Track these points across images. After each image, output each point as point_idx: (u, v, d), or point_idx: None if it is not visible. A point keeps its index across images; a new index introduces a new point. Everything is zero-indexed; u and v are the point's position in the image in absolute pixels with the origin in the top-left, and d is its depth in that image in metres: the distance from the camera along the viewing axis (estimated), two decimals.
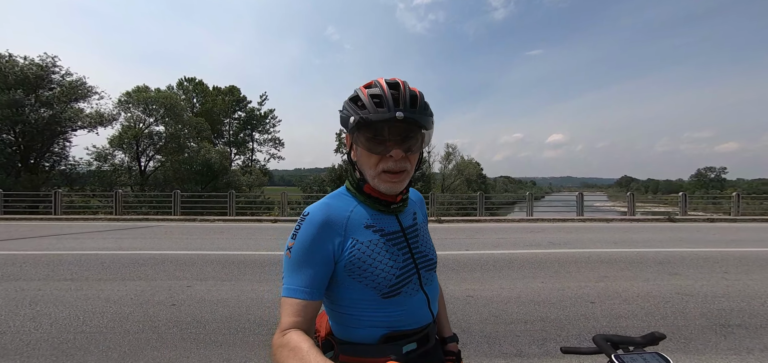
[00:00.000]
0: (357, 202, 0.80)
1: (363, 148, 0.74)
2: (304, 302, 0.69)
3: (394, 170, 0.73)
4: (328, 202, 0.78)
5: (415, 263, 0.78)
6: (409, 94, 0.73)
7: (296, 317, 0.68)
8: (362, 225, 0.76)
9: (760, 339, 2.40)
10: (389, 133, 0.72)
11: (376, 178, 0.75)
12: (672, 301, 3.18)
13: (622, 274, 4.15)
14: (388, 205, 0.79)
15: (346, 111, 0.76)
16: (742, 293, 3.36)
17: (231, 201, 12.49)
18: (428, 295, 0.80)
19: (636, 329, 2.58)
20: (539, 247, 5.98)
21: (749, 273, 4.10)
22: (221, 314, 3.15)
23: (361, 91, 0.75)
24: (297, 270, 0.71)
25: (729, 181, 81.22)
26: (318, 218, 0.73)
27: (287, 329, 0.67)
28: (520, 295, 3.43)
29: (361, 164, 0.77)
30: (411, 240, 0.80)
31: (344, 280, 0.75)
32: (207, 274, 4.48)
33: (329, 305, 0.79)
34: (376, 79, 0.75)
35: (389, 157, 0.72)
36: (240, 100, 31.95)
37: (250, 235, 7.81)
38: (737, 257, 4.95)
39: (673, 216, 10.58)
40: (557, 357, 2.23)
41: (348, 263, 0.73)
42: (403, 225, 0.81)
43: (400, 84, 0.74)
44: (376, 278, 0.73)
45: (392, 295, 0.73)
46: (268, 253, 5.70)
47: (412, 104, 0.72)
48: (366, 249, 0.74)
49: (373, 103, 0.71)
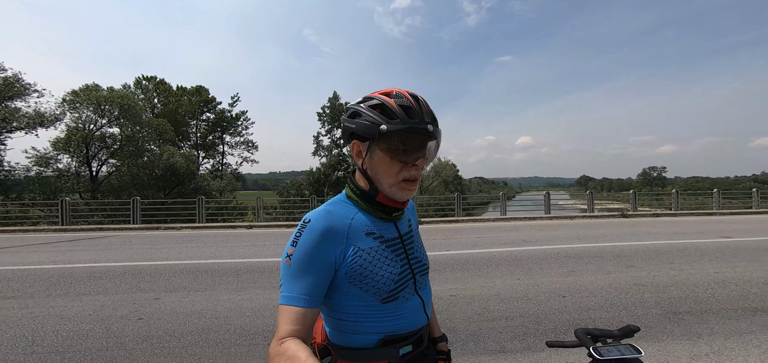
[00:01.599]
0: (358, 209, 0.80)
1: (385, 156, 0.74)
2: (303, 310, 0.69)
3: (414, 177, 0.76)
4: (329, 209, 0.78)
5: (411, 268, 0.80)
6: (429, 107, 0.76)
7: (295, 325, 0.68)
8: (363, 232, 0.77)
9: (706, 324, 2.72)
10: (413, 144, 0.74)
11: (395, 186, 0.76)
12: (631, 291, 3.50)
13: (587, 268, 4.50)
14: (390, 213, 0.80)
15: (369, 118, 0.74)
16: (687, 282, 3.78)
17: (200, 207, 11.77)
18: (423, 299, 0.82)
19: (603, 321, 2.81)
20: (513, 245, 6.29)
21: (691, 263, 4.64)
22: (197, 326, 2.98)
23: (385, 99, 0.75)
24: (297, 277, 0.70)
25: (668, 179, 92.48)
26: (319, 226, 0.73)
27: (285, 338, 0.66)
28: (500, 292, 3.59)
29: (377, 172, 0.77)
30: (407, 246, 0.82)
31: (344, 287, 0.75)
32: (176, 284, 4.20)
33: (326, 311, 0.80)
34: (396, 90, 0.76)
35: (413, 165, 0.74)
36: (208, 101, 30.16)
37: (224, 243, 7.41)
38: (680, 248, 5.57)
39: (625, 212, 11.66)
40: (537, 351, 2.36)
41: (349, 270, 0.73)
42: (401, 232, 0.83)
43: (419, 97, 0.76)
44: (376, 284, 0.74)
45: (390, 300, 0.75)
46: (245, 261, 5.45)
47: (433, 117, 0.76)
48: (367, 256, 0.75)
49: (404, 112, 0.73)
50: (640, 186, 78.60)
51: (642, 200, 13.80)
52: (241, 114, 31.26)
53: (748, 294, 3.33)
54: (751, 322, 2.70)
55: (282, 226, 10.47)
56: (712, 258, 4.87)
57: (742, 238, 6.41)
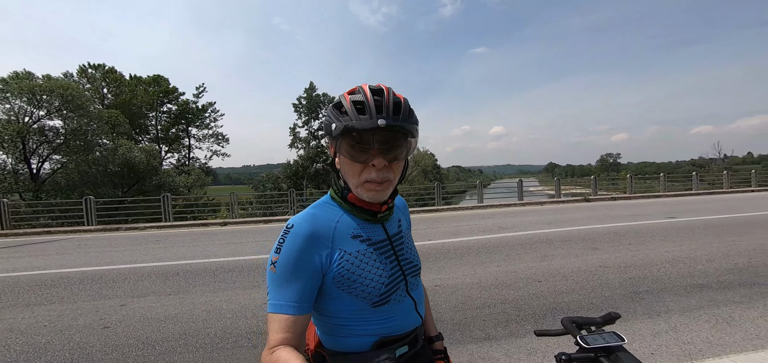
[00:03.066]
0: (343, 211, 0.78)
1: (346, 157, 0.72)
2: (292, 317, 0.68)
3: (376, 180, 0.71)
4: (312, 212, 0.76)
5: (402, 270, 0.79)
6: (393, 100, 0.71)
7: (285, 333, 0.67)
8: (349, 235, 0.75)
9: (663, 302, 3.02)
10: (373, 141, 0.70)
11: (359, 187, 0.73)
12: (597, 273, 3.80)
13: (558, 252, 4.81)
14: (375, 215, 0.78)
15: (328, 117, 0.73)
16: (644, 262, 4.18)
17: (166, 205, 10.98)
18: (415, 299, 0.81)
19: (576, 304, 3.03)
20: (491, 232, 6.55)
21: (645, 243, 5.12)
22: (172, 332, 2.83)
23: (343, 97, 0.73)
24: (283, 285, 0.69)
25: (622, 164, 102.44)
26: (303, 230, 0.71)
27: (276, 346, 0.65)
28: (481, 280, 3.73)
29: (344, 172, 0.75)
30: (397, 248, 0.80)
31: (333, 292, 0.73)
32: (145, 289, 3.95)
33: (317, 317, 0.79)
34: (360, 85, 0.74)
35: (371, 166, 0.71)
36: (169, 92, 27.78)
37: (196, 242, 7.00)
38: (635, 230, 6.13)
39: (588, 196, 12.59)
40: (520, 336, 2.50)
41: (336, 275, 0.72)
42: (389, 233, 0.81)
43: (385, 90, 0.72)
44: (365, 289, 0.72)
45: (382, 303, 0.74)
46: (221, 260, 5.20)
47: (396, 111, 0.70)
48: (354, 260, 0.73)
49: (356, 109, 0.69)
50: (598, 171, 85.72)
51: (601, 185, 14.97)
52: (209, 105, 29.22)
53: (694, 271, 3.74)
54: (699, 298, 3.04)
55: (259, 222, 10.08)
56: (663, 238, 5.41)
57: (685, 218, 7.19)
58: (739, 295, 3.04)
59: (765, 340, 2.28)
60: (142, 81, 27.29)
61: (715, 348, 2.20)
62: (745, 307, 2.79)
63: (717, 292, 3.13)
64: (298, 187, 25.95)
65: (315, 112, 30.97)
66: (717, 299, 2.97)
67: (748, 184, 15.09)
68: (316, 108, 30.94)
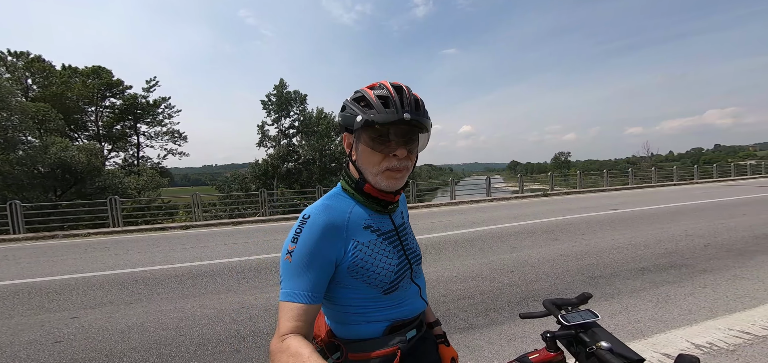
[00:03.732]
0: (355, 202, 0.81)
1: (367, 147, 0.76)
2: (305, 306, 0.69)
3: (398, 167, 0.76)
4: (327, 203, 0.78)
5: (408, 259, 0.84)
6: (413, 97, 0.76)
7: (296, 322, 0.68)
8: (361, 226, 0.78)
9: (614, 285, 3.42)
10: (395, 133, 0.74)
11: (379, 176, 0.77)
12: (559, 262, 4.19)
13: (525, 243, 5.21)
14: (386, 206, 0.82)
15: (350, 111, 0.76)
16: (595, 249, 4.69)
17: (114, 209, 9.88)
18: (419, 286, 0.88)
19: (545, 291, 3.32)
20: (464, 227, 6.89)
21: (595, 233, 5.74)
22: (139, 342, 2.64)
23: (366, 91, 0.77)
24: (299, 274, 0.71)
25: (572, 162, 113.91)
26: (320, 221, 0.74)
27: (286, 334, 0.67)
28: (459, 273, 3.93)
29: (362, 163, 0.78)
30: (402, 238, 0.86)
31: (346, 281, 0.76)
32: (98, 299, 3.62)
33: (328, 306, 0.82)
34: (380, 82, 0.78)
35: (393, 156, 0.75)
36: (112, 85, 24.74)
37: (154, 247, 6.42)
38: (586, 221, 6.84)
39: (546, 192, 13.72)
40: (500, 324, 2.69)
41: (351, 264, 0.75)
42: (396, 224, 0.86)
43: (404, 88, 0.77)
44: (377, 276, 0.76)
45: (392, 290, 0.79)
46: (187, 265, 4.84)
47: (417, 107, 0.76)
48: (367, 250, 0.77)
49: (381, 103, 0.73)
50: (553, 168, 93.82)
51: (556, 181, 16.39)
52: (162, 100, 26.53)
53: (635, 256, 4.29)
54: (642, 280, 3.50)
55: (227, 225, 9.48)
56: (608, 227, 6.11)
57: (625, 209, 8.18)
58: (672, 275, 3.56)
59: (697, 314, 2.70)
60: (79, 72, 23.92)
61: (660, 325, 2.55)
62: (678, 286, 3.27)
63: (655, 274, 3.63)
64: (269, 186, 24.79)
65: (286, 109, 29.68)
66: (656, 280, 3.44)
67: (671, 179, 17.53)
68: (288, 105, 29.67)
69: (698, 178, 17.70)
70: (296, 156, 29.16)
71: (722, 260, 3.96)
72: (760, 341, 2.22)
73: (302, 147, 30.46)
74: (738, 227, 5.60)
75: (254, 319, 3.00)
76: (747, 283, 3.26)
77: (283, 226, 8.55)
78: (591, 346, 0.83)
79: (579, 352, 0.88)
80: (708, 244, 4.63)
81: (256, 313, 3.12)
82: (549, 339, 0.96)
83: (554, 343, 0.96)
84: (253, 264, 4.81)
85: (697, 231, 5.46)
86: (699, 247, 4.51)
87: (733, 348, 2.16)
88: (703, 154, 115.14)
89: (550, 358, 0.96)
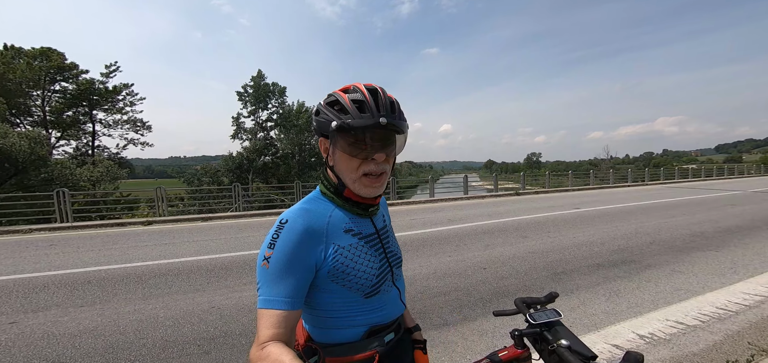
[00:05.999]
0: (334, 206, 0.80)
1: (343, 153, 0.74)
2: (285, 313, 0.68)
3: (375, 173, 0.75)
4: (305, 207, 0.78)
5: (389, 262, 0.84)
6: (388, 100, 0.75)
7: (276, 329, 0.67)
8: (342, 229, 0.78)
9: (573, 280, 3.70)
10: (371, 138, 0.73)
11: (357, 182, 0.76)
12: (528, 259, 4.45)
13: (497, 241, 5.46)
14: (366, 209, 0.82)
15: (324, 116, 0.75)
16: (559, 246, 5.02)
17: (62, 203, 8.98)
18: (399, 288, 0.88)
19: (514, 287, 3.52)
20: (442, 224, 7.06)
21: (560, 230, 6.15)
22: (92, 347, 2.49)
23: (340, 95, 0.75)
24: (276, 280, 0.71)
25: (542, 162, 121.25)
26: (298, 226, 0.72)
27: (266, 342, 0.67)
28: (436, 270, 4.04)
29: (340, 168, 0.77)
30: (384, 241, 0.85)
31: (327, 286, 0.76)
32: (42, 302, 3.34)
33: (308, 310, 0.81)
34: (354, 84, 0.77)
35: (371, 160, 0.74)
36: (64, 68, 22.22)
37: (111, 245, 5.94)
38: (552, 219, 7.30)
39: (518, 191, 14.42)
40: (472, 320, 2.81)
41: (332, 269, 0.74)
42: (377, 227, 0.85)
43: (379, 90, 0.76)
44: (358, 281, 0.76)
45: (373, 294, 0.79)
46: (149, 264, 4.54)
47: (392, 110, 0.75)
48: (347, 254, 0.76)
49: (356, 108, 0.72)
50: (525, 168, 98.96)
51: (527, 181, 17.29)
52: (123, 87, 24.27)
53: (592, 253, 4.65)
54: (597, 275, 3.81)
55: (196, 220, 8.97)
56: (571, 225, 6.56)
57: (586, 209, 8.82)
58: (622, 271, 3.91)
59: (642, 307, 3.00)
60: (24, 53, 21.24)
61: (610, 317, 2.81)
62: (627, 280, 3.61)
63: (608, 269, 3.97)
64: (243, 180, 23.73)
65: (263, 101, 28.47)
66: (608, 275, 3.76)
67: (626, 180, 19.15)
68: (266, 97, 28.47)
69: (648, 181, 19.51)
70: (274, 149, 28.20)
71: (663, 256, 4.40)
72: (691, 331, 2.52)
73: (280, 140, 29.51)
74: (678, 226, 6.26)
75: (225, 319, 2.90)
76: (683, 277, 3.66)
77: (258, 223, 8.24)
78: (552, 344, 0.90)
79: (542, 349, 0.94)
80: (653, 242, 5.14)
81: (227, 312, 3.01)
82: (517, 337, 1.02)
83: (521, 341, 1.03)
84: (224, 262, 4.61)
85: (645, 229, 6.02)
86: (645, 244, 4.99)
87: (669, 337, 2.43)
88: (653, 158, 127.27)
89: (518, 355, 1.03)
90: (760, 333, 2.42)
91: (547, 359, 0.92)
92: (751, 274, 3.66)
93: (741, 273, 3.70)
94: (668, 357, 2.19)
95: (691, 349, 2.26)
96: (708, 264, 4.04)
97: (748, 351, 2.19)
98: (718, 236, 5.38)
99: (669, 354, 2.23)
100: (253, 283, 3.75)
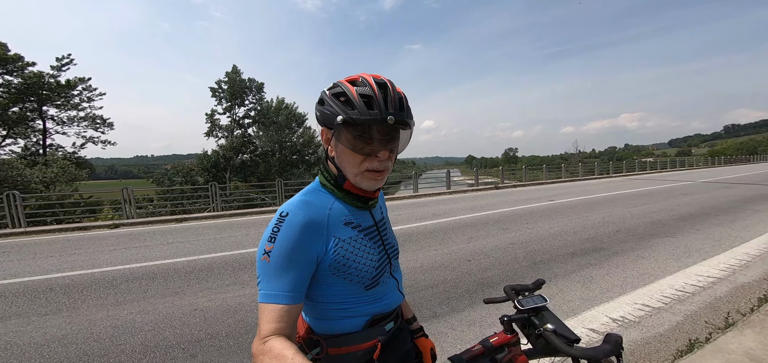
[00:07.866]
0: (334, 198, 0.80)
1: (347, 147, 0.73)
2: (286, 307, 0.68)
3: (378, 168, 0.74)
4: (306, 199, 0.78)
5: (387, 253, 0.85)
6: (397, 96, 0.73)
7: (278, 323, 0.67)
8: (342, 222, 0.77)
9: (551, 269, 3.90)
10: (377, 133, 0.72)
11: (359, 176, 0.75)
12: (509, 250, 4.64)
13: (480, 233, 5.65)
14: (366, 202, 0.81)
15: (330, 108, 0.73)
16: (538, 237, 5.28)
17: (13, 206, 8.16)
18: (397, 279, 0.90)
19: (497, 278, 3.66)
20: (427, 219, 7.18)
21: (537, 221, 6.46)
22: (62, 356, 2.36)
23: (347, 87, 0.72)
24: (278, 274, 0.70)
25: (519, 157, 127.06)
26: (299, 219, 0.71)
27: (268, 336, 0.67)
28: (423, 264, 4.11)
29: (341, 161, 0.76)
30: (382, 233, 0.86)
31: (328, 278, 0.76)
32: (1, 311, 3.11)
33: (308, 303, 0.81)
34: (362, 76, 0.74)
35: (375, 157, 0.73)
36: (6, 60, 19.85)
37: (73, 249, 5.51)
38: (530, 211, 7.65)
39: (498, 185, 14.94)
40: (460, 311, 2.90)
41: (333, 262, 0.74)
42: (376, 219, 0.86)
43: (388, 84, 0.73)
44: (359, 273, 0.77)
45: (373, 286, 0.80)
46: (119, 268, 4.26)
47: (401, 107, 0.73)
48: (348, 246, 0.76)
49: (363, 103, 0.70)
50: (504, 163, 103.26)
51: (506, 174, 17.93)
52: (79, 80, 22.11)
53: (567, 242, 4.94)
54: (572, 263, 4.06)
55: (169, 222, 8.48)
56: (547, 217, 6.92)
57: (560, 201, 9.32)
58: (593, 258, 4.19)
59: (612, 292, 3.23)
60: None
61: (585, 303, 3.00)
62: (597, 268, 3.87)
63: (581, 257, 4.23)
64: (220, 179, 22.68)
65: (240, 97, 27.20)
66: (581, 263, 4.01)
67: (593, 173, 20.42)
68: (242, 93, 27.21)
69: (613, 173, 20.94)
70: (252, 147, 27.18)
71: (628, 243, 4.76)
72: (656, 312, 2.76)
73: (259, 138, 28.50)
74: (639, 215, 6.78)
75: (210, 321, 2.79)
76: (646, 262, 3.98)
77: (238, 223, 7.95)
78: (539, 328, 0.95)
79: (530, 333, 1.00)
80: (619, 230, 5.54)
81: (211, 314, 2.90)
82: (506, 322, 1.08)
83: (510, 326, 1.09)
84: (204, 263, 4.42)
85: (611, 219, 6.47)
86: (612, 233, 5.37)
87: (638, 320, 2.65)
88: (616, 152, 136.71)
89: (508, 340, 1.09)
90: (714, 312, 2.70)
91: (535, 343, 0.98)
92: (703, 257, 4.06)
93: (695, 257, 4.09)
94: (639, 338, 2.39)
95: (657, 331, 2.47)
96: (666, 249, 4.42)
97: (706, 329, 2.44)
98: (673, 223, 5.89)
99: (640, 335, 2.43)
100: (237, 284, 3.63)
